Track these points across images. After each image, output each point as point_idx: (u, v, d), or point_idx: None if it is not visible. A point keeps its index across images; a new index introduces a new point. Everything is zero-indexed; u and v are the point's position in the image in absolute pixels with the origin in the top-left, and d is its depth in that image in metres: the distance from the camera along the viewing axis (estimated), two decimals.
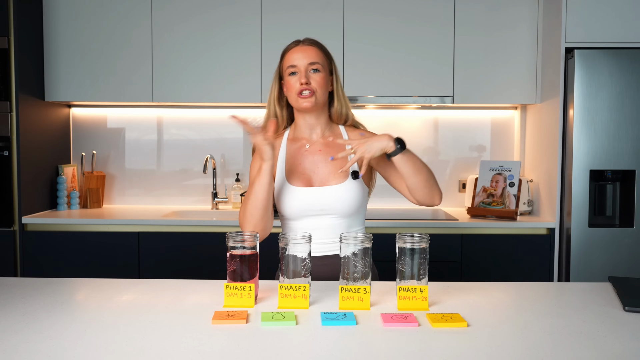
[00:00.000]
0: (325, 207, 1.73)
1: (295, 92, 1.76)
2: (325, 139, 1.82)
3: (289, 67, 1.77)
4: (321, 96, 1.78)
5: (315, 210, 1.74)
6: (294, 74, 1.76)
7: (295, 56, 1.77)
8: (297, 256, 1.46)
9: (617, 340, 1.24)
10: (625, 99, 2.77)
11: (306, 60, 1.76)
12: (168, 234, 2.93)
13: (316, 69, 1.76)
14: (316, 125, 1.83)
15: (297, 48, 1.79)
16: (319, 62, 1.77)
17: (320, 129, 1.83)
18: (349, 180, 1.75)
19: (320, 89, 1.76)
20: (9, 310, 1.41)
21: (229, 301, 1.44)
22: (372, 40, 3.14)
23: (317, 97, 1.76)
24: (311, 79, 1.75)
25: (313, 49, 1.78)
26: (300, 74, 1.75)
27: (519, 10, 3.12)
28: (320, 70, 1.77)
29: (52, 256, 2.94)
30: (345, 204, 1.73)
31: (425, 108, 3.43)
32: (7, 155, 2.92)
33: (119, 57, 3.18)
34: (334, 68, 1.84)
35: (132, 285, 1.66)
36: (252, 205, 1.69)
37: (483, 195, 3.11)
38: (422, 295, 1.43)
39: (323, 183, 1.76)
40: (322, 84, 1.77)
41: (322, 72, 1.77)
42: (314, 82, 1.75)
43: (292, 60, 1.77)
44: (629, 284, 1.64)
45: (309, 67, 1.76)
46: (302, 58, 1.76)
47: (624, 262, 2.78)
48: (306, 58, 1.76)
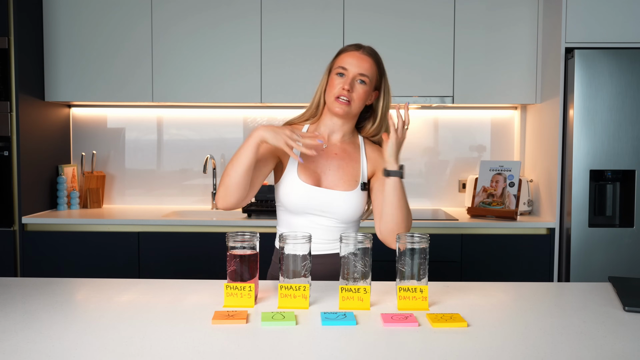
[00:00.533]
0: (327, 210, 1.74)
1: (334, 94, 1.74)
2: (343, 144, 1.82)
3: (339, 67, 1.75)
4: (356, 108, 1.76)
5: (316, 210, 1.74)
6: (341, 75, 1.74)
7: (349, 60, 1.75)
8: (297, 256, 1.46)
9: (617, 340, 1.24)
10: (625, 99, 2.77)
11: (357, 69, 1.73)
12: (168, 234, 2.93)
13: (363, 81, 1.74)
14: (339, 130, 1.82)
15: (356, 53, 1.76)
16: (368, 76, 1.74)
17: (341, 135, 1.83)
18: (357, 190, 1.76)
19: (358, 101, 1.75)
20: (9, 310, 1.41)
21: (229, 301, 1.44)
22: (372, 40, 3.10)
23: (352, 107, 1.74)
24: (354, 88, 1.73)
25: (369, 61, 1.76)
26: (346, 79, 1.73)
27: (519, 10, 3.12)
28: (366, 83, 1.75)
29: (52, 256, 2.94)
30: (349, 211, 1.74)
31: (425, 108, 3.43)
32: (7, 155, 2.92)
33: (119, 57, 3.18)
34: (384, 84, 1.81)
35: (132, 285, 1.66)
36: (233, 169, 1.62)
37: (483, 195, 3.11)
38: (422, 295, 1.43)
39: (331, 186, 1.76)
40: (362, 97, 1.75)
41: (367, 86, 1.75)
42: (355, 93, 1.74)
43: (345, 63, 1.75)
44: (629, 284, 1.64)
45: (357, 77, 1.74)
46: (355, 65, 1.74)
47: (624, 262, 2.78)
48: (358, 67, 1.74)
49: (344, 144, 1.83)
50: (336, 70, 1.76)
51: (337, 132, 1.82)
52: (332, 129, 1.82)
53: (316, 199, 1.73)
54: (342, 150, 1.81)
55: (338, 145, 1.82)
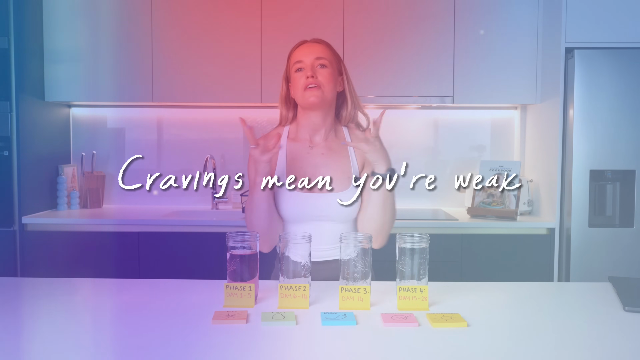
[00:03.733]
0: (325, 214, 1.70)
1: (301, 88, 1.70)
2: (328, 142, 1.78)
3: (295, 64, 1.72)
4: (329, 92, 1.71)
5: (314, 216, 1.71)
6: (300, 70, 1.71)
7: (301, 52, 1.73)
8: (297, 256, 1.46)
9: (617, 340, 1.24)
10: (625, 99, 2.77)
11: (312, 55, 1.71)
12: (168, 234, 2.93)
13: (323, 65, 1.71)
14: (321, 126, 1.77)
15: (304, 45, 1.75)
16: (325, 58, 1.72)
17: (325, 131, 1.77)
18: (351, 188, 1.71)
19: (327, 84, 1.70)
20: (9, 310, 1.41)
21: (229, 301, 1.43)
22: (372, 40, 3.14)
23: (324, 92, 1.70)
24: (318, 74, 1.70)
25: (320, 46, 1.75)
26: (306, 69, 1.70)
27: (519, 10, 3.12)
28: (327, 66, 1.71)
29: (52, 256, 2.93)
30: (347, 210, 1.70)
31: (425, 108, 3.43)
32: (7, 155, 2.92)
33: (119, 57, 3.18)
34: (344, 68, 1.79)
35: (132, 285, 1.66)
36: (255, 217, 1.68)
37: (483, 195, 3.11)
38: (422, 295, 1.43)
39: (324, 190, 1.70)
40: (330, 79, 1.71)
41: (329, 68, 1.71)
42: (321, 77, 1.70)
43: (298, 57, 1.73)
44: (629, 284, 1.64)
45: (316, 62, 1.71)
46: (309, 53, 1.71)
47: (624, 262, 2.78)
48: (312, 53, 1.71)
49: (329, 141, 1.78)
50: (294, 68, 1.73)
51: (319, 130, 1.77)
52: (313, 129, 1.77)
53: (312, 206, 1.69)
54: (327, 149, 1.77)
55: (323, 144, 1.77)
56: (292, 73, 1.75)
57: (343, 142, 1.74)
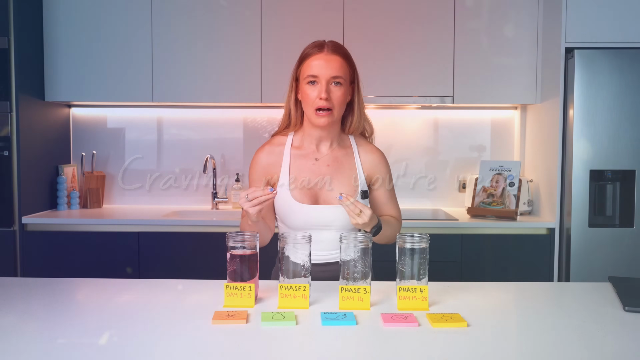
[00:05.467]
0: (330, 223, 1.69)
1: (312, 106, 1.62)
2: (334, 152, 1.73)
3: (309, 76, 1.63)
4: (338, 113, 1.66)
5: (319, 225, 1.69)
6: (313, 83, 1.63)
7: (317, 64, 1.62)
8: (297, 256, 1.46)
9: (617, 340, 1.24)
10: (625, 99, 2.77)
11: (329, 72, 1.61)
12: (168, 234, 2.93)
13: (338, 82, 1.62)
14: (326, 138, 1.72)
15: (321, 56, 1.63)
16: (341, 76, 1.62)
17: (330, 142, 1.73)
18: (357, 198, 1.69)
19: (339, 105, 1.64)
20: (9, 310, 1.41)
21: (229, 301, 1.43)
22: (372, 41, 3.14)
23: (334, 114, 1.64)
24: (331, 93, 1.62)
25: (338, 60, 1.63)
26: (320, 87, 1.61)
27: (519, 10, 3.12)
28: (342, 83, 1.63)
29: (52, 256, 2.93)
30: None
31: (425, 108, 3.43)
32: (7, 155, 2.92)
33: (119, 57, 3.18)
34: (357, 77, 1.71)
35: (132, 285, 1.66)
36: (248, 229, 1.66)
37: (483, 195, 3.11)
38: (422, 295, 1.43)
39: (329, 201, 1.68)
40: (342, 100, 1.64)
41: (343, 86, 1.63)
42: (334, 98, 1.62)
43: (313, 69, 1.62)
44: (629, 284, 1.64)
45: (331, 80, 1.62)
46: (326, 69, 1.61)
47: (624, 262, 2.78)
48: (329, 70, 1.61)
49: (335, 151, 1.74)
50: (306, 79, 1.63)
51: (324, 140, 1.73)
52: (318, 139, 1.72)
53: (316, 218, 1.68)
54: (333, 160, 1.73)
55: (329, 155, 1.73)
56: (303, 82, 1.66)
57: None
